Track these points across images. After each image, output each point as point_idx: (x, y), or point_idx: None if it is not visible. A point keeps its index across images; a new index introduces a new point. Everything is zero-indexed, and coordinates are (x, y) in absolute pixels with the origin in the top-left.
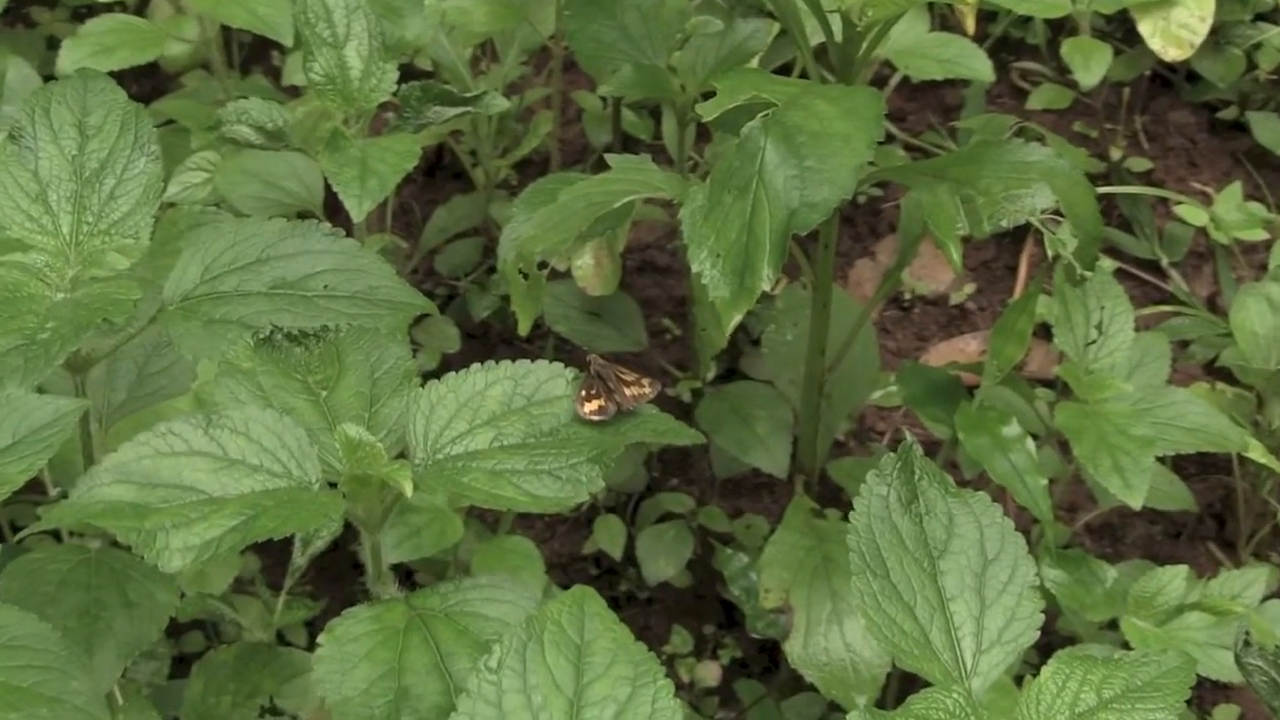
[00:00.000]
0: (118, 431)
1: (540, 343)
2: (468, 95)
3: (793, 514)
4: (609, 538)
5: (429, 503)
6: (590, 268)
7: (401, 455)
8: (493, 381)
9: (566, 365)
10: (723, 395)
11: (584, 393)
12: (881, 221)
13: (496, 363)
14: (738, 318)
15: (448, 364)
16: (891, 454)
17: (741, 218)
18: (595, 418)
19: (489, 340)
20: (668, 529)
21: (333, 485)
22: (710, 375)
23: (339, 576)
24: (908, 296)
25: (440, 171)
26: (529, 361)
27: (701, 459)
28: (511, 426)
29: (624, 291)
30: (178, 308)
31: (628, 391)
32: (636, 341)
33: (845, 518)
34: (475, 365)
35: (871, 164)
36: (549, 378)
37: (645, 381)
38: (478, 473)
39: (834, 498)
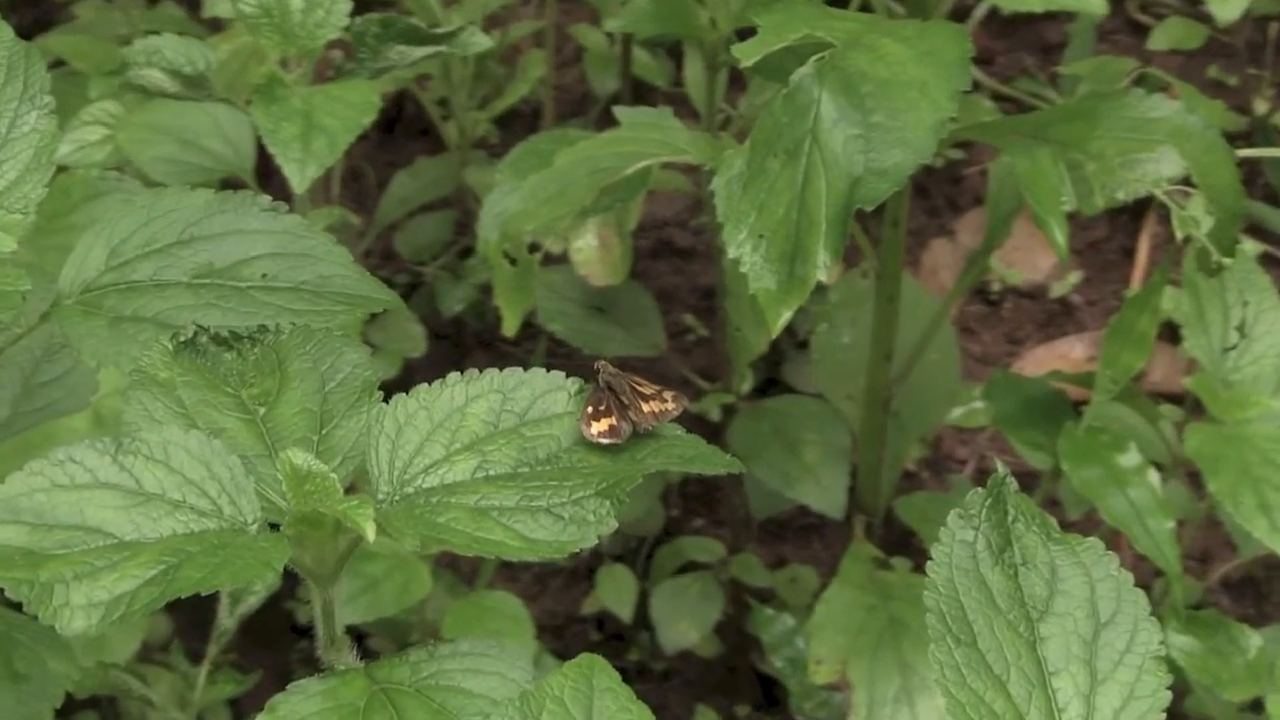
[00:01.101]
0: None
1: (529, 346)
2: (438, 31)
3: (851, 564)
4: (616, 593)
5: (388, 549)
6: (594, 251)
7: (353, 488)
8: (476, 395)
9: (568, 374)
10: (761, 413)
11: (590, 409)
12: (964, 193)
13: (480, 371)
14: (786, 315)
15: (411, 373)
16: (978, 488)
17: (791, 189)
18: (605, 441)
19: (463, 342)
20: (690, 583)
21: (274, 527)
22: (746, 387)
23: (271, 642)
24: (997, 288)
25: (402, 127)
26: (520, 370)
27: (734, 494)
28: (499, 452)
29: (636, 281)
30: (77, 302)
31: (646, 408)
32: (652, 344)
33: (918, 569)
34: (453, 375)
35: (953, 120)
36: (546, 390)
37: (667, 395)
38: (458, 510)
39: (903, 544)
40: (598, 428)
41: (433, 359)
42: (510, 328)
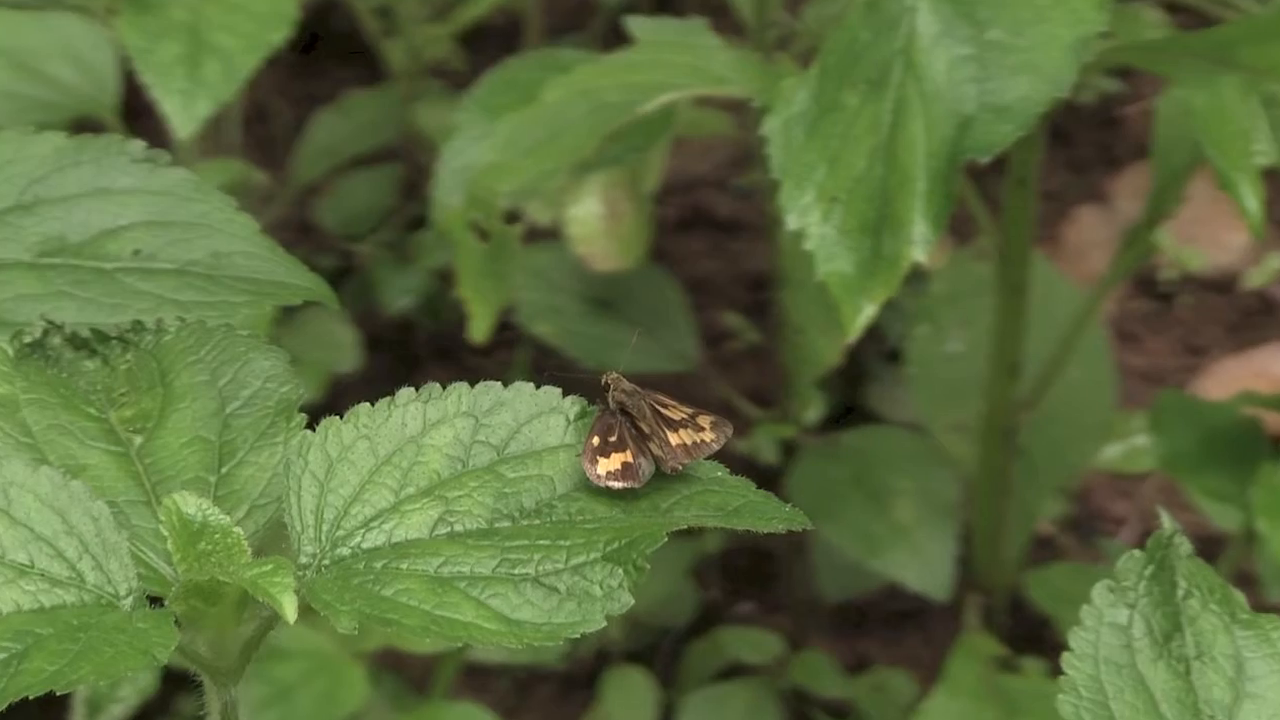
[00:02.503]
0: None
1: (505, 358)
2: None
3: (961, 665)
4: (629, 706)
5: (307, 645)
6: (598, 222)
7: (266, 549)
8: (437, 420)
9: (564, 391)
10: (835, 452)
11: (597, 440)
12: (1121, 141)
13: (442, 387)
14: (868, 310)
15: (339, 396)
16: (1134, 551)
17: (875, 133)
18: (617, 485)
19: (412, 352)
20: (735, 692)
21: (155, 601)
22: (813, 416)
23: None
24: (1168, 275)
25: (327, 47)
26: (498, 385)
27: (795, 566)
28: (470, 499)
29: (658, 265)
30: None
31: (674, 439)
32: (679, 355)
33: (1055, 671)
34: (406, 391)
35: (1103, 37)
36: (535, 414)
37: (704, 421)
38: (411, 580)
39: (1034, 636)
40: (606, 466)
41: (370, 376)
42: (480, 330)
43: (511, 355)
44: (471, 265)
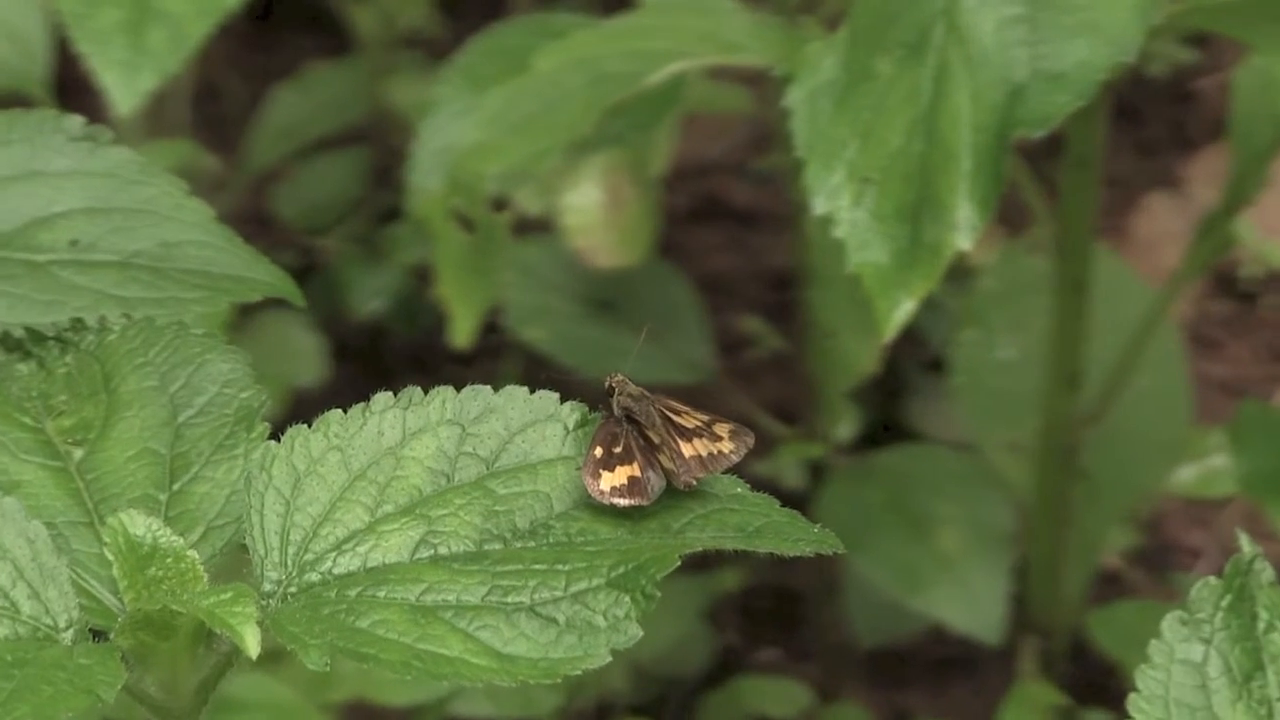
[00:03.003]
0: None
1: (490, 367)
2: None
3: (1017, 717)
4: None
5: (268, 696)
6: (598, 211)
7: (224, 575)
8: (418, 430)
9: (562, 397)
10: (870, 473)
11: (600, 451)
12: (1196, 116)
13: (423, 393)
14: (906, 306)
15: (300, 411)
16: (1211, 579)
17: (913, 104)
18: (623, 502)
19: (385, 362)
20: None
21: (99, 635)
22: (845, 432)
23: None
24: (1250, 272)
25: (286, 13)
26: (487, 390)
27: (826, 605)
28: (455, 519)
29: (667, 260)
30: None
31: (687, 449)
32: (692, 364)
33: None
34: (382, 397)
35: None
36: (530, 422)
37: (722, 430)
38: (389, 610)
39: (1097, 683)
40: (611, 481)
41: (335, 390)
42: (462, 334)
43: (498, 365)
44: (452, 260)
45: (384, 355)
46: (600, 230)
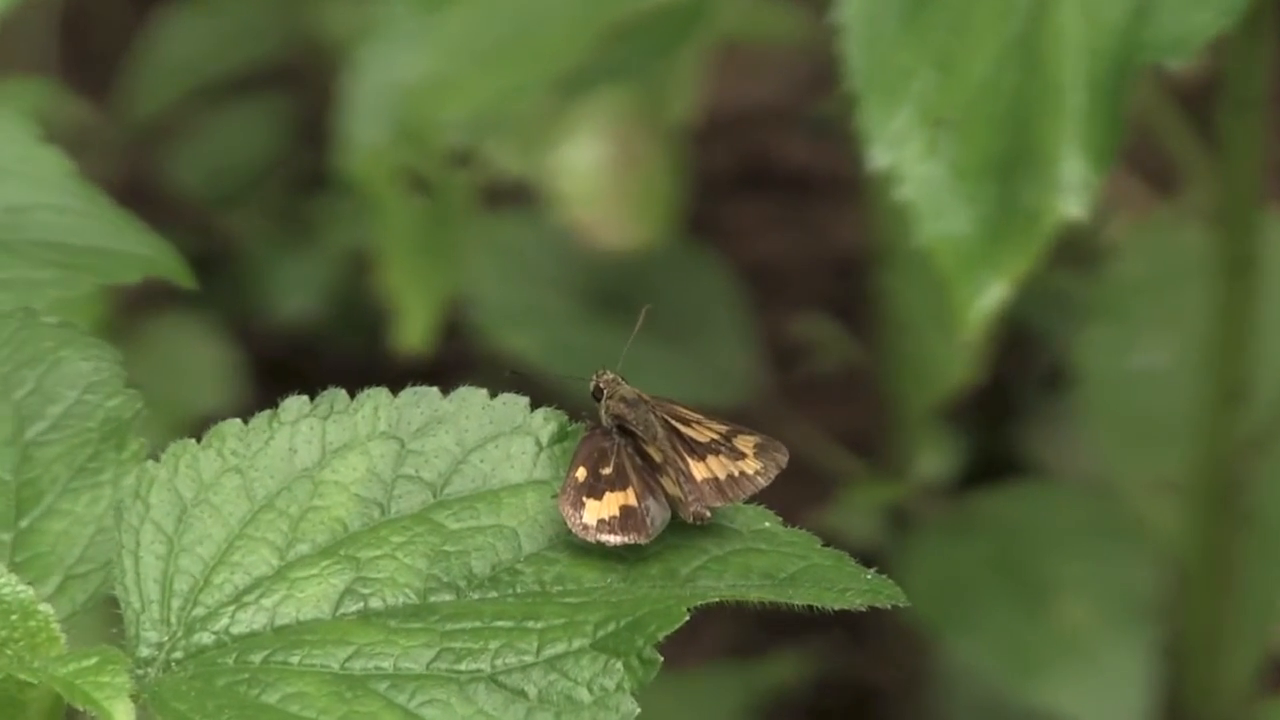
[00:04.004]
0: None
1: (451, 381)
2: None
3: None
4: None
5: None
6: (601, 172)
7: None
8: (343, 444)
9: (534, 403)
10: (968, 523)
11: (584, 472)
12: None
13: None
14: (995, 292)
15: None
16: None
17: (1006, 22)
18: (614, 539)
19: (311, 374)
20: None
21: None
22: (935, 467)
23: None
24: None
25: None
26: (434, 392)
27: (910, 699)
28: (393, 562)
29: (696, 239)
30: None
31: (701, 470)
32: (730, 378)
33: None
34: (294, 402)
35: None
36: (492, 434)
37: (746, 443)
38: (306, 680)
39: None
40: (598, 512)
41: (248, 414)
42: (414, 336)
43: (467, 382)
44: (403, 239)
45: (312, 368)
46: (605, 199)
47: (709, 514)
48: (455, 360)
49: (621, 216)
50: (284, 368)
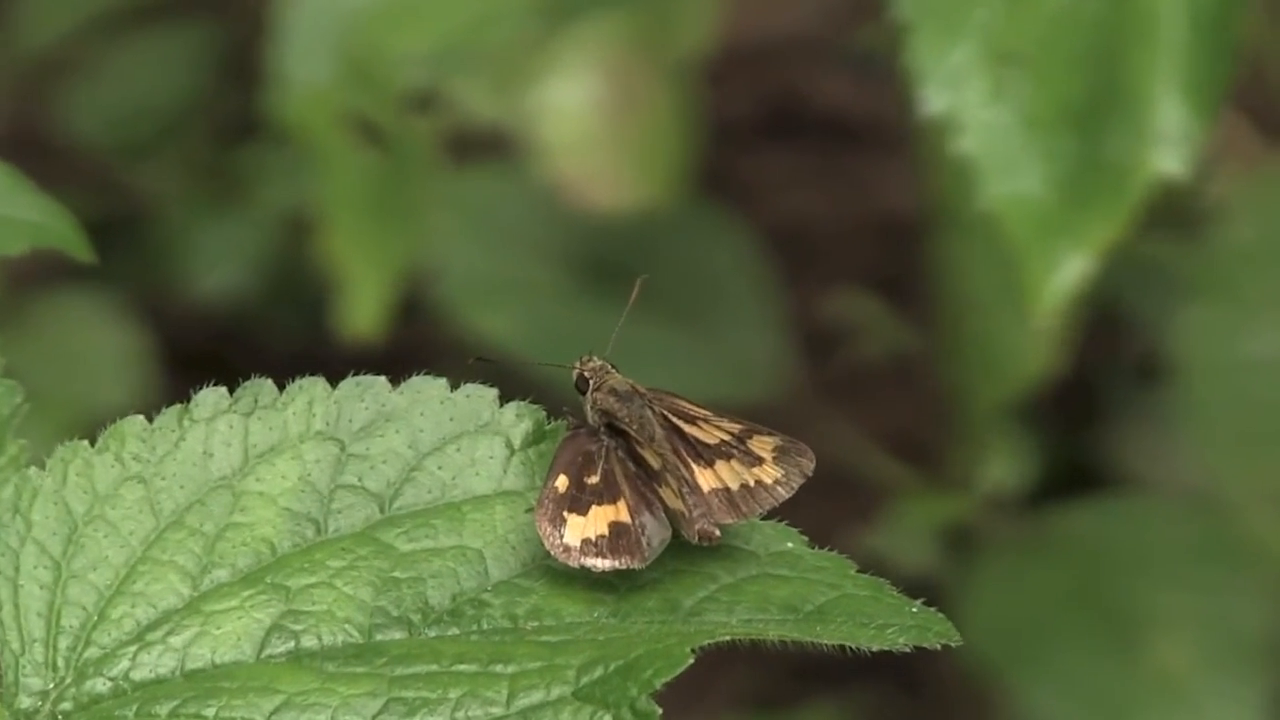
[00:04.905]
0: None
1: (409, 371)
2: None
3: None
4: None
5: None
6: (591, 117)
7: None
8: (270, 446)
9: (504, 396)
10: (1045, 544)
11: (565, 481)
12: None
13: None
14: (1075, 266)
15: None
16: None
17: None
18: (602, 563)
19: (246, 362)
20: None
21: None
22: (1004, 477)
23: None
24: None
25: None
26: (381, 382)
27: None
28: (330, 591)
29: (713, 199)
30: None
31: (708, 478)
32: (755, 369)
33: None
34: (211, 394)
35: None
36: (453, 434)
37: (764, 446)
38: None
39: None
40: (583, 530)
41: (159, 406)
42: (363, 317)
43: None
44: (349, 198)
45: (241, 357)
46: (597, 149)
47: (718, 533)
48: (414, 347)
49: (618, 170)
50: (205, 356)
